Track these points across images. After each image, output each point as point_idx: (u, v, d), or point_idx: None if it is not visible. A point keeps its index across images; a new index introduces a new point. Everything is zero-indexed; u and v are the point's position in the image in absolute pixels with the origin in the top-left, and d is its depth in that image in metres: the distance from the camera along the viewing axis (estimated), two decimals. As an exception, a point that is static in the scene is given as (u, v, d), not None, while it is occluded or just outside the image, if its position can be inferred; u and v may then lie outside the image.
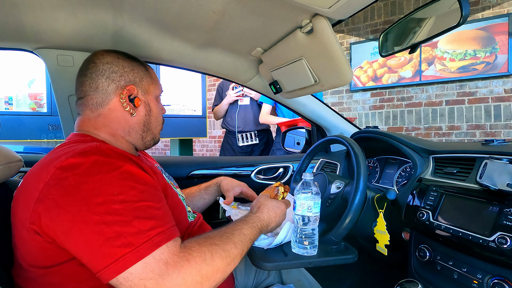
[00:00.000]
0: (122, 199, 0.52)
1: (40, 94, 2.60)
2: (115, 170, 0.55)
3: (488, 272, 0.62)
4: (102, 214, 0.50)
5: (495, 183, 0.65)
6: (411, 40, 0.86)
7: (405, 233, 0.84)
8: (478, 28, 3.05)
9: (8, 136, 2.46)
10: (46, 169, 0.55)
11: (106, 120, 0.71)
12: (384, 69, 3.62)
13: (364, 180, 0.78)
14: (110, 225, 0.49)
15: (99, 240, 0.49)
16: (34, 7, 0.79)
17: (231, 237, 0.60)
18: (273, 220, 0.74)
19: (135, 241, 0.49)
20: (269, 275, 0.95)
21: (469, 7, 0.70)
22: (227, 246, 0.58)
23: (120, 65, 0.72)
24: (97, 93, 0.70)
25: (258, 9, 0.77)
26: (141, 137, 0.76)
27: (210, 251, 0.55)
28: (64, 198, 0.51)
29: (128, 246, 0.49)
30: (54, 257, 0.54)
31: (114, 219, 0.50)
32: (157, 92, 0.79)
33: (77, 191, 0.51)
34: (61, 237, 0.51)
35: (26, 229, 0.54)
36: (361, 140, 1.16)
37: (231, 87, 2.39)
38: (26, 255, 0.57)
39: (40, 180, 0.54)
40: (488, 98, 3.10)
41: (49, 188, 0.52)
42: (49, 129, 2.60)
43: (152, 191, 0.59)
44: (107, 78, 0.70)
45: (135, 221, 0.51)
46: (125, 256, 0.48)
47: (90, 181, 0.52)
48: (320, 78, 0.91)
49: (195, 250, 0.53)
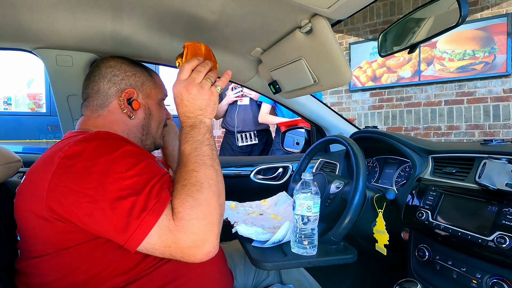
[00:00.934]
0: (130, 174, 0.56)
1: (39, 94, 2.60)
2: (117, 150, 0.58)
3: (487, 271, 0.62)
4: (116, 191, 0.53)
5: (494, 182, 0.65)
6: (410, 40, 0.86)
7: (404, 233, 0.84)
8: (477, 28, 3.06)
9: (7, 136, 2.45)
10: (50, 161, 0.57)
11: (106, 121, 0.73)
12: (383, 69, 3.63)
13: (364, 180, 0.78)
14: (125, 198, 0.53)
15: (120, 213, 0.53)
16: (33, 7, 0.78)
17: (187, 167, 0.60)
18: (185, 108, 0.65)
19: (147, 205, 0.53)
20: (268, 275, 0.95)
21: (468, 7, 0.70)
22: (193, 179, 0.59)
23: (122, 69, 0.75)
24: (98, 95, 0.73)
25: (257, 9, 0.77)
26: (140, 140, 0.77)
27: (187, 194, 0.57)
28: (78, 183, 0.54)
29: (144, 211, 0.53)
30: (75, 239, 0.56)
31: (127, 192, 0.54)
32: (159, 96, 0.80)
33: (89, 175, 0.54)
34: (84, 219, 0.54)
35: (42, 218, 0.55)
36: (360, 140, 1.16)
37: (231, 87, 2.39)
38: (37, 244, 0.58)
39: (46, 171, 0.56)
40: (487, 98, 3.11)
41: (58, 177, 0.55)
42: (48, 129, 2.60)
43: (153, 163, 0.62)
44: (109, 81, 0.73)
45: (144, 190, 0.55)
46: (144, 220, 0.52)
47: (98, 163, 0.55)
48: (319, 78, 0.91)
49: (178, 205, 0.56)
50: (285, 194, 1.05)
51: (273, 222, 0.90)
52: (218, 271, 0.76)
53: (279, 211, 0.98)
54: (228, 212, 0.93)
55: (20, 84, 2.55)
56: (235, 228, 0.76)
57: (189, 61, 0.66)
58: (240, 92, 2.37)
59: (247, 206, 1.03)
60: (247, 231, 0.76)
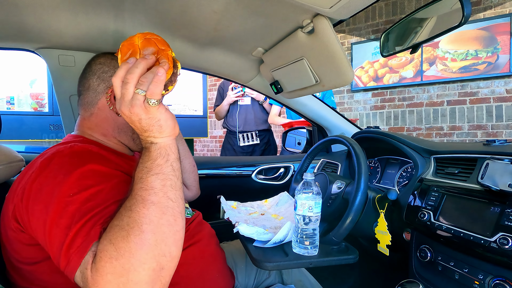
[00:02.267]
0: (75, 199, 0.50)
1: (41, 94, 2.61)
2: (75, 170, 0.53)
3: (489, 272, 0.62)
4: (56, 216, 0.50)
5: (496, 183, 0.65)
6: (412, 40, 0.86)
7: (406, 234, 0.84)
8: (480, 28, 3.04)
9: (9, 135, 2.46)
10: (26, 171, 0.58)
11: (98, 119, 0.72)
12: (385, 69, 3.62)
13: (365, 180, 0.78)
14: (60, 227, 0.49)
15: (54, 241, 0.49)
16: (36, 8, 0.79)
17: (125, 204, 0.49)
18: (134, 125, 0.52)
19: (75, 242, 0.47)
20: (270, 275, 0.95)
21: (471, 7, 0.70)
22: (124, 220, 0.47)
23: (111, 65, 0.73)
24: (88, 92, 0.72)
25: (259, 9, 0.77)
26: (131, 138, 0.74)
27: (110, 240, 0.46)
28: (34, 200, 0.53)
29: (71, 247, 0.47)
30: (39, 253, 0.55)
31: (65, 221, 0.49)
32: None
33: (40, 194, 0.53)
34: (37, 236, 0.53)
35: (10, 228, 0.56)
36: (362, 140, 1.16)
37: (230, 87, 2.39)
38: (12, 251, 0.58)
39: (20, 180, 0.57)
40: (489, 98, 3.09)
41: (23, 190, 0.55)
42: (51, 128, 2.61)
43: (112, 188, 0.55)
44: (98, 77, 0.72)
45: (80, 221, 0.48)
46: (71, 258, 0.47)
47: (50, 183, 0.53)
48: (321, 78, 0.91)
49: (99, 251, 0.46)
50: (286, 194, 1.05)
51: (275, 222, 0.90)
52: (217, 271, 0.76)
53: (281, 211, 0.98)
54: (230, 212, 0.93)
55: (23, 84, 2.56)
56: (237, 228, 0.76)
57: (116, 72, 0.51)
58: (240, 92, 2.37)
59: (248, 206, 1.03)
60: (248, 231, 0.76)
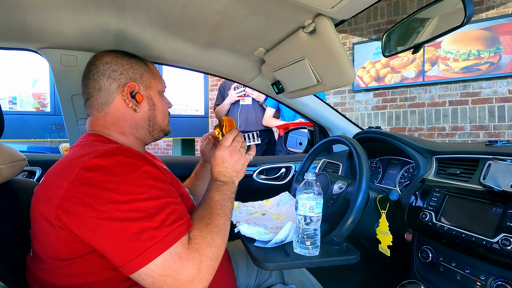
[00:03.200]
0: (145, 197, 0.56)
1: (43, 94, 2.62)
2: (136, 170, 0.58)
3: (491, 273, 0.61)
4: (127, 212, 0.53)
5: (499, 184, 0.65)
6: (414, 40, 0.86)
7: (408, 234, 0.84)
8: (482, 28, 3.03)
9: (12, 135, 2.47)
10: (70, 168, 0.57)
11: (114, 118, 0.73)
12: (387, 69, 3.61)
13: (367, 181, 0.78)
14: (135, 221, 0.53)
15: (126, 235, 0.52)
16: (38, 8, 0.79)
17: (212, 210, 0.66)
18: (224, 169, 0.75)
19: (158, 234, 0.53)
20: (271, 275, 0.95)
21: (473, 7, 0.70)
22: (216, 221, 0.63)
23: (119, 63, 0.74)
24: (100, 93, 0.72)
25: (261, 9, 0.77)
26: (148, 132, 0.78)
27: (208, 232, 0.60)
28: (91, 196, 0.54)
29: (152, 239, 0.52)
30: (76, 250, 0.56)
31: (139, 215, 0.54)
32: (159, 87, 0.80)
33: (103, 190, 0.54)
34: (87, 233, 0.53)
35: (50, 224, 0.56)
36: (363, 140, 1.16)
37: (233, 87, 2.39)
38: (48, 248, 0.59)
39: (64, 178, 0.56)
40: (492, 99, 3.08)
41: (74, 187, 0.55)
42: (53, 128, 2.62)
43: (170, 188, 0.63)
44: (108, 77, 0.72)
45: (157, 216, 0.55)
46: (150, 249, 0.52)
47: (115, 180, 0.56)
48: (322, 78, 0.91)
49: (198, 238, 0.58)
50: (287, 194, 1.05)
51: (276, 222, 0.90)
52: (223, 271, 0.76)
53: (282, 211, 0.98)
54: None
55: (25, 84, 2.58)
56: (238, 228, 0.76)
57: (231, 131, 0.79)
58: (242, 92, 2.37)
59: (249, 206, 1.03)
60: (249, 231, 0.76)
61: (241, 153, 0.77)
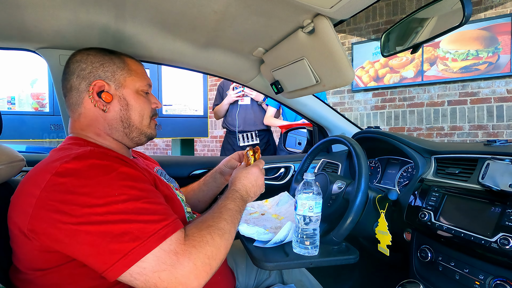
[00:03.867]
0: (124, 198, 0.53)
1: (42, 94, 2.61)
2: (112, 172, 0.56)
3: (490, 273, 0.61)
4: (106, 214, 0.51)
5: (497, 183, 0.65)
6: (413, 40, 0.86)
7: (407, 234, 0.84)
8: (481, 28, 3.04)
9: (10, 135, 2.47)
10: (41, 175, 0.55)
11: (87, 119, 0.70)
12: (386, 69, 3.61)
13: (366, 181, 0.78)
14: (115, 224, 0.51)
15: (106, 238, 0.50)
16: (37, 7, 0.79)
17: (220, 215, 0.65)
18: (249, 186, 0.79)
19: (142, 235, 0.51)
20: (270, 275, 0.95)
21: (472, 7, 0.70)
22: (221, 224, 0.62)
23: (88, 61, 0.70)
24: (72, 93, 0.70)
25: (260, 9, 0.77)
26: (124, 134, 0.73)
27: (208, 233, 0.59)
28: (65, 203, 0.51)
29: (136, 240, 0.51)
30: (52, 260, 0.54)
31: (119, 217, 0.51)
32: (138, 85, 0.74)
33: (78, 195, 0.52)
34: (64, 241, 0.51)
35: (23, 235, 0.54)
36: (362, 140, 1.16)
37: (232, 87, 2.39)
38: (24, 259, 0.57)
39: (36, 185, 0.54)
40: (490, 99, 3.09)
41: (47, 194, 0.52)
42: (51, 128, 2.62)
43: (151, 188, 0.61)
44: (77, 76, 0.69)
45: (139, 217, 0.53)
46: (134, 250, 0.50)
47: (89, 184, 0.53)
48: (321, 78, 0.91)
49: (196, 235, 0.57)
50: (287, 194, 1.05)
51: (275, 222, 0.89)
52: (219, 272, 0.76)
53: (281, 211, 0.98)
54: None
55: (24, 84, 2.57)
56: (238, 228, 0.76)
57: (260, 161, 0.88)
58: (241, 92, 2.37)
59: (249, 206, 1.02)
60: (249, 231, 0.76)
61: (263, 184, 0.84)
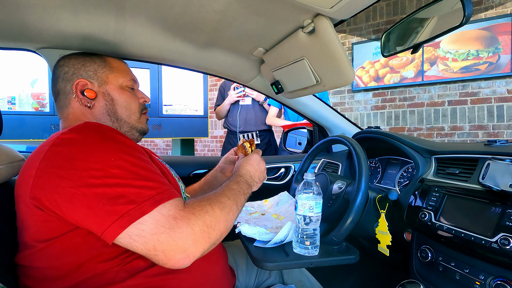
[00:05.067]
0: (119, 164, 0.55)
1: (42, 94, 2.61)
2: (109, 140, 0.59)
3: (490, 273, 0.61)
4: (102, 178, 0.53)
5: (497, 184, 0.65)
6: (413, 40, 0.86)
7: (407, 234, 0.84)
8: (481, 28, 3.04)
9: (10, 135, 2.47)
10: (40, 149, 0.59)
11: (75, 116, 0.74)
12: (386, 69, 3.61)
13: (366, 181, 0.78)
14: (111, 187, 0.53)
15: (102, 200, 0.52)
16: (37, 7, 0.79)
17: (222, 192, 0.67)
18: (252, 171, 0.82)
19: (137, 199, 0.53)
20: (270, 275, 0.95)
21: (472, 7, 0.70)
22: (222, 199, 0.64)
23: (70, 64, 0.76)
24: (59, 97, 0.75)
25: (260, 9, 0.77)
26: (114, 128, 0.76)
27: (209, 204, 0.60)
28: (63, 168, 0.54)
29: (131, 203, 0.52)
30: (55, 229, 0.56)
31: (115, 181, 0.53)
32: (121, 81, 0.79)
33: (75, 161, 0.54)
34: (64, 205, 0.53)
35: (26, 206, 0.56)
36: (363, 140, 1.16)
37: (233, 87, 2.39)
38: (27, 230, 0.59)
39: (35, 159, 0.57)
40: (491, 99, 3.09)
41: (46, 163, 0.55)
42: (52, 128, 2.62)
43: (147, 159, 0.62)
44: (62, 79, 0.75)
45: (135, 182, 0.55)
46: (129, 212, 0.51)
47: (86, 150, 0.56)
48: (322, 78, 0.91)
49: (196, 205, 0.59)
50: (286, 194, 1.05)
51: (276, 222, 0.90)
52: (220, 270, 0.76)
53: (281, 211, 0.98)
54: None
55: (24, 84, 2.57)
56: (238, 228, 0.76)
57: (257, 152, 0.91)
58: (242, 92, 2.37)
59: (248, 206, 1.03)
60: (250, 231, 0.76)
61: (265, 169, 0.87)
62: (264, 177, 0.86)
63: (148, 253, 0.52)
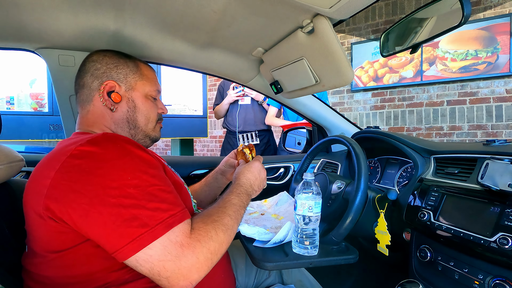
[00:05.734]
0: (136, 183, 0.55)
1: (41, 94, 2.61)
2: (127, 156, 0.58)
3: (489, 272, 0.62)
4: (118, 197, 0.53)
5: (496, 183, 0.65)
6: (412, 40, 0.86)
7: (406, 234, 0.84)
8: (480, 28, 3.04)
9: (9, 135, 2.46)
10: (56, 158, 0.57)
11: (94, 116, 0.73)
12: (385, 69, 3.62)
13: (365, 180, 0.78)
14: (126, 208, 0.53)
15: (117, 221, 0.52)
16: (36, 7, 0.79)
17: (225, 211, 0.66)
18: (253, 180, 0.82)
19: (150, 222, 0.53)
20: (270, 275, 0.95)
21: (471, 7, 0.70)
22: (225, 220, 0.63)
23: (104, 62, 0.75)
24: (83, 90, 0.74)
25: (259, 9, 0.77)
26: (130, 134, 0.76)
27: (213, 228, 0.60)
28: (80, 183, 0.53)
29: (144, 227, 0.52)
30: (67, 241, 0.56)
31: (130, 202, 0.53)
32: (147, 90, 0.79)
33: (93, 176, 0.54)
34: (78, 221, 0.53)
35: (39, 216, 0.56)
36: (362, 140, 1.16)
37: (232, 87, 2.39)
38: (39, 241, 0.58)
39: (51, 168, 0.56)
40: (489, 98, 3.10)
41: (61, 175, 0.54)
42: (51, 128, 2.61)
43: (162, 175, 0.63)
44: (91, 75, 0.74)
45: (149, 204, 0.55)
46: (142, 236, 0.52)
47: (104, 166, 0.55)
48: (321, 78, 0.91)
49: (202, 230, 0.58)
50: (286, 194, 1.05)
51: (275, 222, 0.90)
52: (223, 271, 0.76)
53: (280, 211, 0.98)
54: None
55: (23, 84, 2.56)
56: (238, 228, 0.76)
57: (258, 158, 0.91)
58: (241, 92, 2.37)
59: (248, 206, 1.02)
60: (249, 231, 0.76)
61: (266, 178, 0.87)
62: (264, 186, 0.85)
63: (152, 277, 0.53)
